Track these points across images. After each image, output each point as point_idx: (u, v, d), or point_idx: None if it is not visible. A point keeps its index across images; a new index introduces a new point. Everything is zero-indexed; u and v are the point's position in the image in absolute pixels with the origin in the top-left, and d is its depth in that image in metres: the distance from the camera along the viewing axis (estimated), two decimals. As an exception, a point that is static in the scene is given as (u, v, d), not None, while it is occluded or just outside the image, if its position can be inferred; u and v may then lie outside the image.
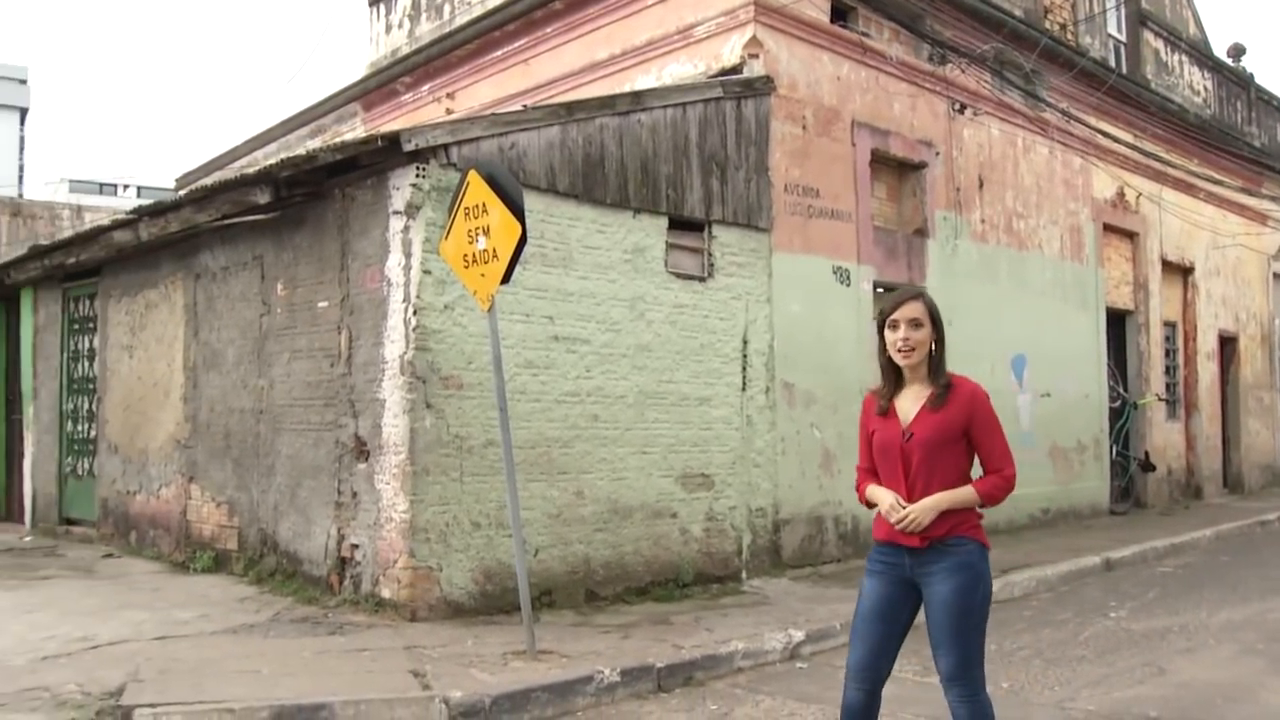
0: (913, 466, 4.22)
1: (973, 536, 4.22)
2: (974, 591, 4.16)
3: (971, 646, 4.18)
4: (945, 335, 4.32)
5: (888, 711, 6.07)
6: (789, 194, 10.59)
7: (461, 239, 6.80)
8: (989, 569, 4.25)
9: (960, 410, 4.22)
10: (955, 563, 4.17)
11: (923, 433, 4.21)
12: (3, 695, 5.79)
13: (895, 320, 4.28)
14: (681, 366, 9.34)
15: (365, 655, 6.68)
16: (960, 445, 4.23)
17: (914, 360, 4.26)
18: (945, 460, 4.21)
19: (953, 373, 4.32)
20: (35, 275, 13.11)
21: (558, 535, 8.41)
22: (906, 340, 4.24)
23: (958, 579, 4.16)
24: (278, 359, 9.22)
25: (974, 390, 4.29)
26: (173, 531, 10.63)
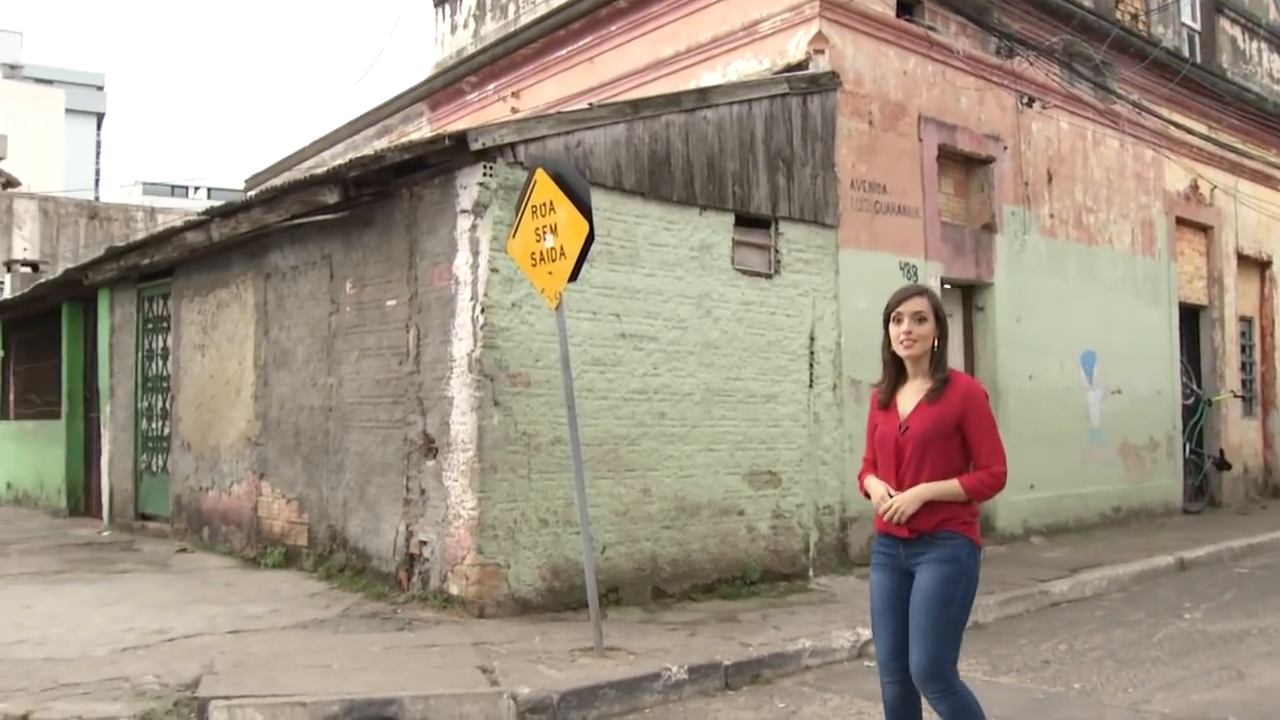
0: (905, 458, 4.30)
1: (963, 533, 4.27)
2: (955, 583, 4.21)
3: (946, 639, 4.21)
4: (948, 332, 4.39)
5: (957, 710, 6.05)
6: (855, 190, 10.51)
7: (529, 237, 6.82)
8: (976, 568, 4.30)
9: (954, 405, 4.27)
10: (942, 554, 4.23)
11: (917, 426, 4.29)
12: (86, 684, 5.92)
13: (899, 314, 4.35)
14: (748, 364, 9.31)
15: (434, 651, 6.73)
16: (954, 440, 4.29)
17: (915, 352, 4.33)
18: (936, 453, 4.26)
19: (953, 369, 4.39)
20: (111, 276, 13.36)
21: (625, 532, 8.42)
22: (909, 334, 4.31)
23: (941, 569, 4.22)
24: (346, 357, 9.31)
25: (969, 385, 4.36)
26: (244, 527, 10.78)
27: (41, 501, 16.19)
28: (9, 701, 5.60)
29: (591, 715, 5.93)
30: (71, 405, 15.43)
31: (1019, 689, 6.55)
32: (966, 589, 4.24)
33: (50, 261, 23.33)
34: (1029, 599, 9.04)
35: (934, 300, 4.39)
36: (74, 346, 15.48)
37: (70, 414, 15.42)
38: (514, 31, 14.03)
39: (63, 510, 15.25)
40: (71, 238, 25.77)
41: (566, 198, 6.56)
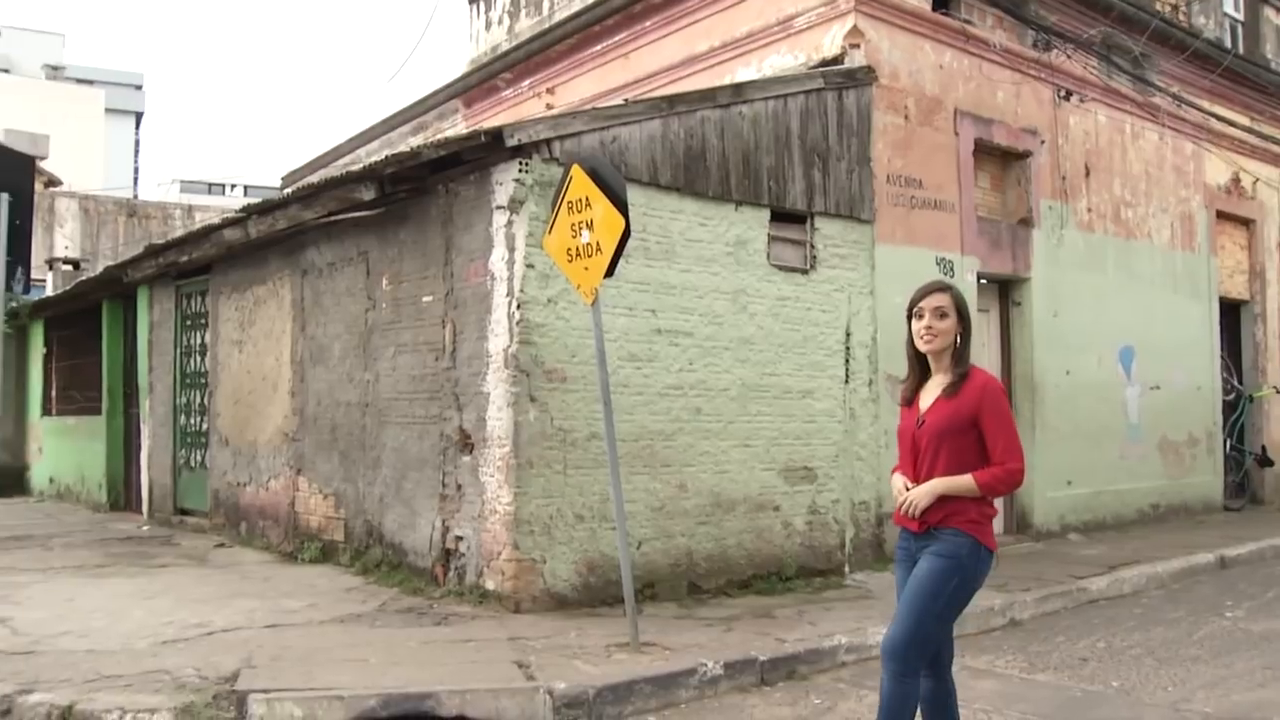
0: (921, 453, 4.35)
1: (967, 531, 4.27)
2: (947, 579, 4.23)
3: (922, 628, 4.23)
4: (970, 328, 4.42)
5: (993, 708, 6.01)
6: (891, 185, 10.46)
7: (565, 233, 6.82)
8: (976, 568, 4.29)
9: (970, 400, 4.28)
10: (941, 548, 4.26)
11: (933, 420, 4.33)
12: (128, 676, 6.00)
13: (920, 309, 4.39)
14: (784, 359, 9.29)
15: (470, 646, 6.75)
16: (970, 435, 4.29)
17: (935, 347, 4.36)
18: (951, 448, 4.28)
19: (975, 366, 4.41)
20: (150, 273, 13.48)
21: (660, 528, 8.42)
22: (930, 329, 4.34)
23: (937, 562, 4.24)
24: (383, 353, 9.35)
25: (986, 381, 4.36)
26: (281, 522, 10.86)
27: (83, 496, 16.37)
28: (54, 692, 5.69)
29: (627, 710, 5.93)
30: (112, 401, 15.59)
31: (1056, 686, 6.51)
32: (960, 587, 4.26)
33: (90, 259, 23.59)
34: (1066, 596, 8.98)
35: (956, 296, 4.41)
36: (114, 343, 15.64)
37: (110, 410, 15.58)
38: (549, 28, 14.04)
39: (103, 505, 15.41)
40: (111, 236, 26.04)
41: (602, 193, 6.57)
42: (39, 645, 6.80)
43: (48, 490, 18.00)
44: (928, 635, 4.27)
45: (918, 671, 4.28)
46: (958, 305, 4.38)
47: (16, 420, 19.07)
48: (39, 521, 14.12)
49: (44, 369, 18.59)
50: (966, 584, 4.26)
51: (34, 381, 19.01)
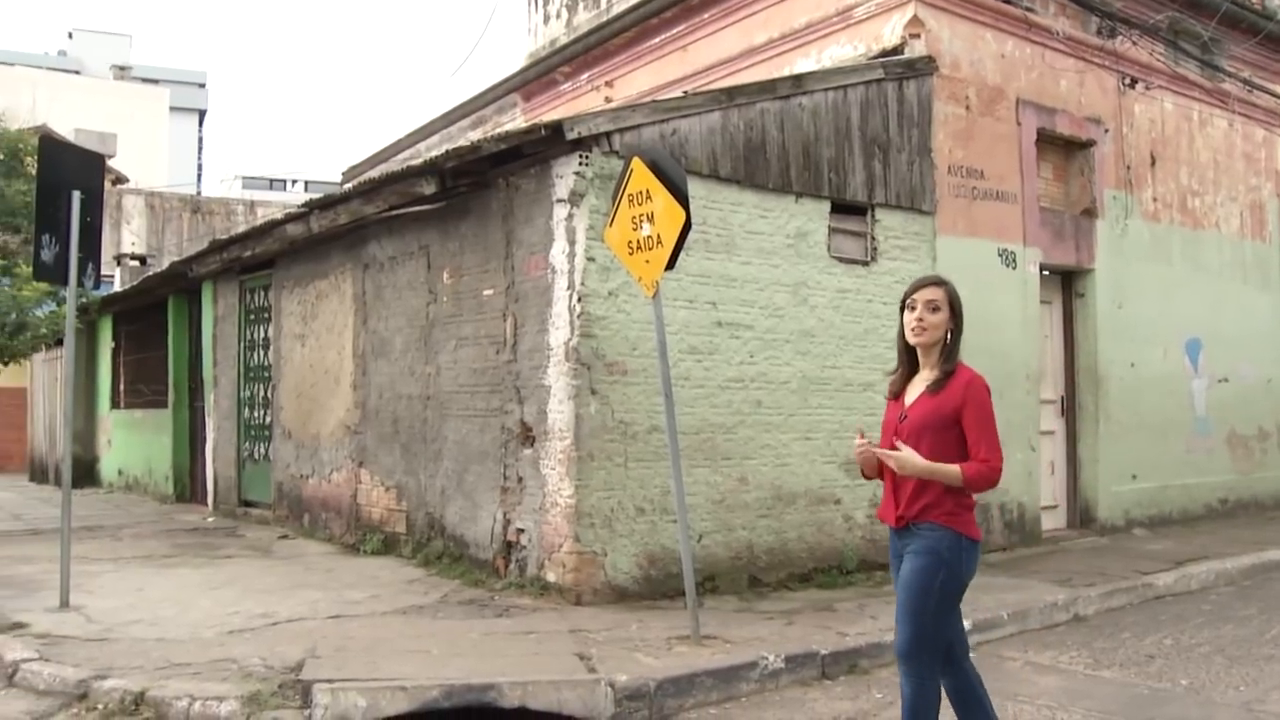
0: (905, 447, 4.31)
1: (946, 524, 4.27)
2: (932, 575, 4.23)
3: (924, 628, 4.24)
4: (962, 325, 4.38)
5: (1057, 704, 5.93)
6: (952, 175, 10.35)
7: (626, 226, 6.81)
8: (959, 560, 4.28)
9: (954, 397, 4.28)
10: (922, 545, 4.28)
11: (916, 415, 4.33)
12: (196, 665, 6.11)
13: (913, 302, 4.38)
14: (845, 352, 9.22)
15: (531, 638, 6.76)
16: (952, 432, 4.28)
17: (925, 340, 4.35)
18: (931, 444, 4.26)
19: (962, 363, 4.39)
20: (215, 268, 13.66)
21: (721, 521, 8.39)
22: (921, 321, 4.33)
23: (920, 560, 4.26)
24: (444, 346, 9.40)
25: (971, 379, 4.33)
26: (343, 514, 10.96)
27: (150, 488, 16.66)
28: (127, 678, 5.83)
29: (688, 703, 5.92)
30: (177, 394, 15.85)
31: (1123, 684, 6.41)
32: (946, 581, 4.25)
33: (156, 255, 24.00)
34: (1132, 592, 8.84)
35: (950, 291, 4.40)
36: (179, 337, 15.90)
37: (176, 403, 15.84)
38: (607, 21, 14.02)
39: (170, 496, 15.68)
40: (176, 231, 26.47)
41: (663, 186, 6.54)
42: (112, 633, 6.95)
43: (116, 482, 18.34)
44: (929, 634, 4.26)
45: (934, 671, 4.30)
46: (951, 301, 4.37)
47: (86, 413, 19.44)
48: (109, 512, 14.39)
49: (112, 363, 18.92)
50: (953, 577, 4.26)
51: (103, 375, 19.37)
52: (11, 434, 24.00)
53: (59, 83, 42.05)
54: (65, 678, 5.95)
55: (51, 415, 20.35)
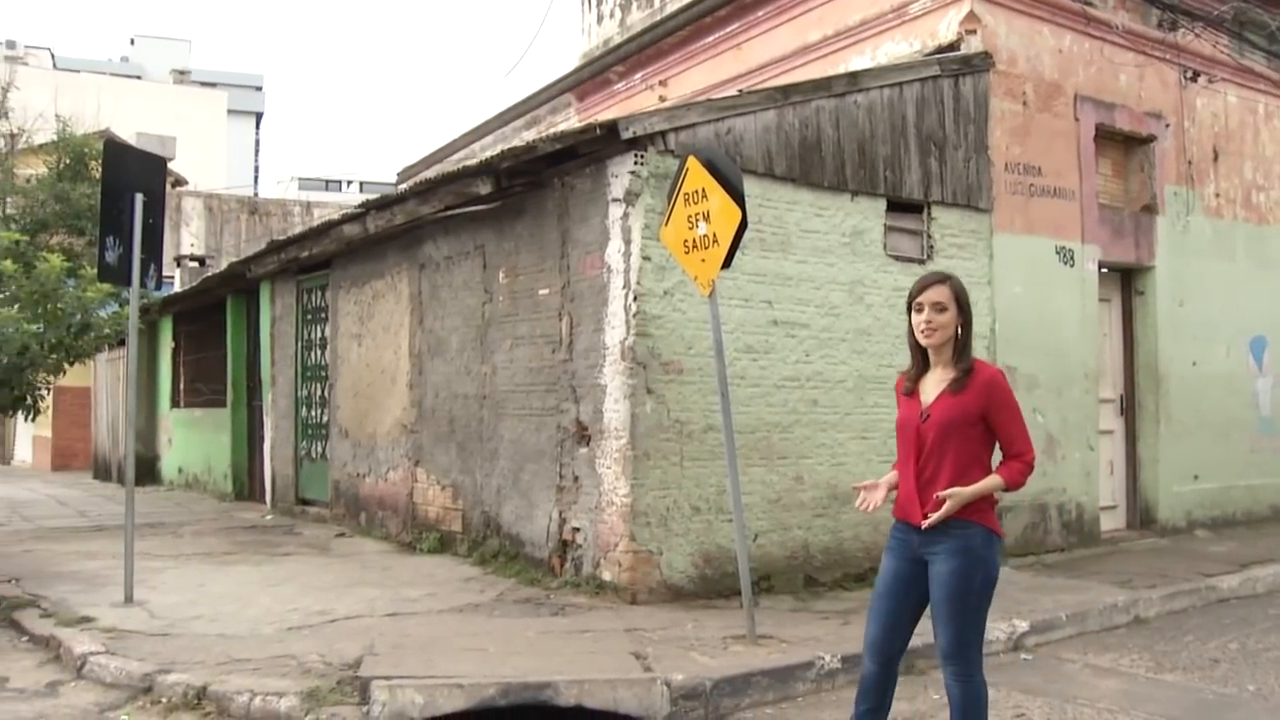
0: (927, 446, 4.32)
1: (979, 521, 4.28)
2: (972, 575, 4.24)
3: (968, 628, 4.26)
4: (971, 320, 4.41)
5: (1118, 707, 5.85)
6: (1009, 173, 10.23)
7: (681, 225, 6.79)
8: (994, 555, 4.32)
9: (978, 395, 4.28)
10: (956, 545, 4.25)
11: (939, 414, 4.31)
12: (257, 661, 6.19)
13: (920, 303, 4.37)
14: (901, 350, 9.03)
15: (587, 636, 6.77)
16: (977, 429, 4.30)
17: (935, 341, 4.35)
18: (959, 442, 4.28)
19: (977, 358, 4.40)
20: (272, 269, 13.81)
21: (777, 520, 8.36)
22: (929, 323, 4.33)
23: (956, 561, 4.24)
24: (500, 345, 9.43)
25: (993, 375, 4.36)
26: (400, 513, 11.03)
27: (209, 486, 16.88)
28: (190, 673, 5.92)
29: (744, 703, 5.90)
30: (236, 394, 16.05)
31: (1186, 688, 6.31)
32: (985, 578, 4.27)
33: (215, 256, 24.31)
34: (1194, 594, 8.69)
35: (956, 288, 4.38)
36: (238, 337, 16.09)
37: (235, 402, 16.04)
38: (660, 20, 14.00)
39: (229, 494, 15.88)
40: (234, 232, 26.80)
41: (719, 185, 6.52)
42: (174, 628, 7.06)
43: (176, 480, 18.60)
44: (975, 629, 4.29)
45: (980, 667, 4.31)
46: (958, 298, 4.35)
47: (147, 412, 19.76)
48: (169, 510, 14.60)
49: (172, 363, 19.19)
50: (990, 572, 4.29)
51: (163, 375, 19.65)
52: (76, 432, 24.36)
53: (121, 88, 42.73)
54: (131, 671, 6.08)
55: (114, 414, 20.67)
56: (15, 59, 20.98)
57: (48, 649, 6.92)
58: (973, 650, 4.27)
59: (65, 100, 17.86)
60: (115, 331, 12.57)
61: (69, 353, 12.37)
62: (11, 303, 11.76)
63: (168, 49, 64.98)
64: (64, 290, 11.76)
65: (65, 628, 7.09)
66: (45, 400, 13.01)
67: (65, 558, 10.17)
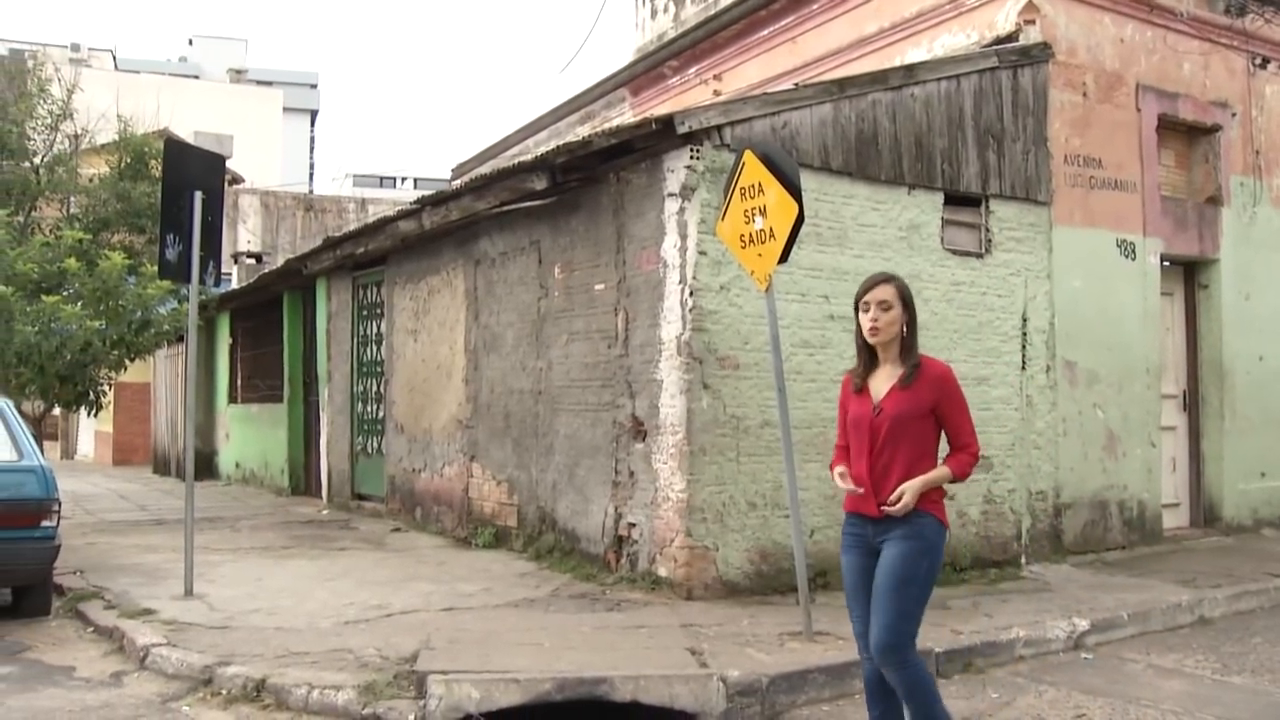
0: (880, 439, 4.48)
1: (931, 511, 4.45)
2: (919, 561, 4.38)
3: (906, 615, 4.37)
4: (916, 318, 4.58)
5: (1183, 709, 5.76)
6: (1069, 165, 10.10)
7: (738, 219, 6.78)
8: (940, 546, 4.48)
9: (928, 389, 4.47)
10: (907, 530, 4.41)
11: (891, 408, 4.47)
12: (314, 654, 6.28)
13: (866, 302, 4.55)
14: (959, 345, 9.07)
15: (642, 632, 6.78)
16: (927, 422, 4.49)
17: (881, 339, 4.53)
18: (911, 435, 4.45)
19: (924, 354, 4.59)
20: (328, 265, 13.94)
21: (833, 516, 8.29)
22: (875, 321, 4.50)
23: (905, 545, 4.39)
24: (555, 341, 9.46)
25: (943, 370, 4.57)
26: (455, 508, 11.09)
27: (266, 481, 17.10)
28: (249, 665, 6.03)
29: (800, 700, 5.88)
30: (292, 389, 16.22)
31: (1254, 690, 6.21)
32: (930, 566, 4.41)
33: (271, 253, 24.60)
34: (1262, 594, 8.56)
35: (900, 287, 4.57)
36: (294, 333, 16.27)
37: (291, 398, 16.21)
38: (715, 14, 13.96)
39: (285, 489, 16.07)
40: (290, 229, 27.12)
41: (775, 179, 6.50)
42: (233, 621, 7.19)
43: (234, 475, 18.84)
44: (913, 618, 4.40)
45: (911, 656, 4.39)
46: (902, 296, 4.54)
47: (205, 408, 19.99)
48: (227, 504, 14.82)
49: (230, 358, 19.44)
50: (935, 561, 4.43)
51: (221, 371, 19.92)
52: (136, 427, 24.77)
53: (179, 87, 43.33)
54: (191, 663, 6.21)
55: (173, 410, 20.96)
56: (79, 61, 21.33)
57: (111, 640, 7.09)
58: (906, 637, 4.37)
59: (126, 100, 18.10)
60: (174, 328, 12.78)
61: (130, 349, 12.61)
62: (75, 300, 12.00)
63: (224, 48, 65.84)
64: (125, 287, 11.97)
65: (128, 619, 7.25)
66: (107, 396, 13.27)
67: (127, 551, 10.37)
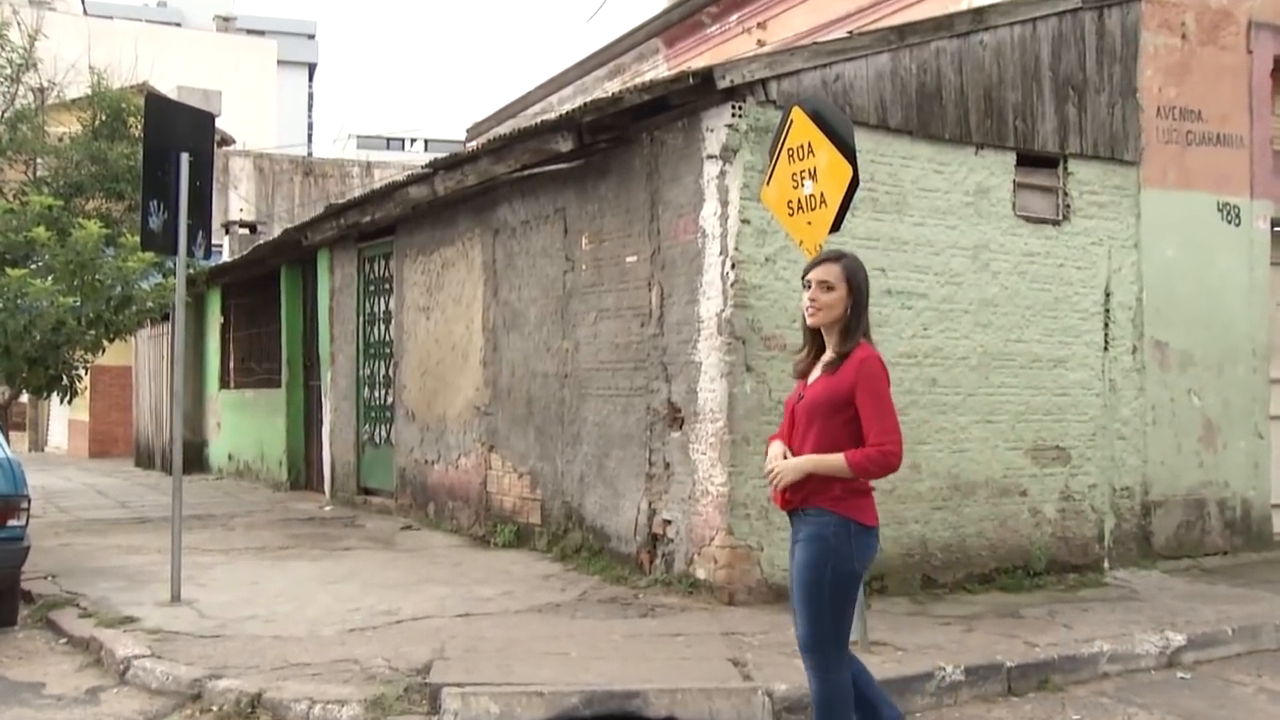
0: (800, 428, 4.60)
1: (834, 509, 4.47)
2: (822, 565, 4.44)
3: (821, 621, 4.46)
4: (865, 302, 4.63)
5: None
6: (1162, 118, 10.05)
7: (785, 184, 6.87)
8: (849, 545, 4.48)
9: (846, 378, 4.52)
10: (808, 534, 4.51)
11: (811, 396, 4.60)
12: (316, 665, 6.38)
13: (808, 280, 4.68)
14: (1032, 323, 9.14)
15: (679, 640, 6.89)
16: (845, 414, 4.51)
17: (820, 321, 4.63)
18: (824, 426, 4.51)
19: (864, 341, 4.62)
20: (331, 236, 14.10)
21: (890, 513, 8.37)
22: (814, 302, 4.62)
23: (807, 551, 4.50)
24: (583, 319, 9.60)
25: (865, 358, 4.56)
26: (472, 503, 11.27)
27: (262, 473, 17.32)
28: (243, 679, 6.11)
29: (855, 717, 5.98)
30: (291, 373, 16.41)
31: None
32: (837, 570, 4.44)
33: (266, 222, 24.75)
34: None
35: (847, 266, 4.63)
36: (293, 311, 16.44)
37: (290, 382, 16.41)
38: (759, -47, 14.04)
39: (283, 483, 16.29)
40: (287, 196, 27.31)
41: (827, 139, 6.57)
42: (225, 629, 7.29)
43: (226, 467, 19.08)
44: (829, 623, 4.47)
45: (841, 664, 4.51)
46: (849, 278, 4.59)
47: (194, 394, 20.19)
48: (219, 500, 15.05)
49: (221, 339, 19.65)
50: (843, 564, 4.45)
51: (211, 353, 20.13)
52: (116, 416, 25.00)
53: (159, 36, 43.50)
54: (178, 676, 6.26)
55: (157, 396, 21.20)
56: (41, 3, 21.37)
57: (88, 652, 7.14)
58: (829, 645, 4.48)
59: (98, 50, 18.29)
60: (159, 305, 12.92)
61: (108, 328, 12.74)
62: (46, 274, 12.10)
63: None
64: (102, 260, 12.09)
65: (107, 629, 7.31)
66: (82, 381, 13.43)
67: (106, 552, 10.52)
